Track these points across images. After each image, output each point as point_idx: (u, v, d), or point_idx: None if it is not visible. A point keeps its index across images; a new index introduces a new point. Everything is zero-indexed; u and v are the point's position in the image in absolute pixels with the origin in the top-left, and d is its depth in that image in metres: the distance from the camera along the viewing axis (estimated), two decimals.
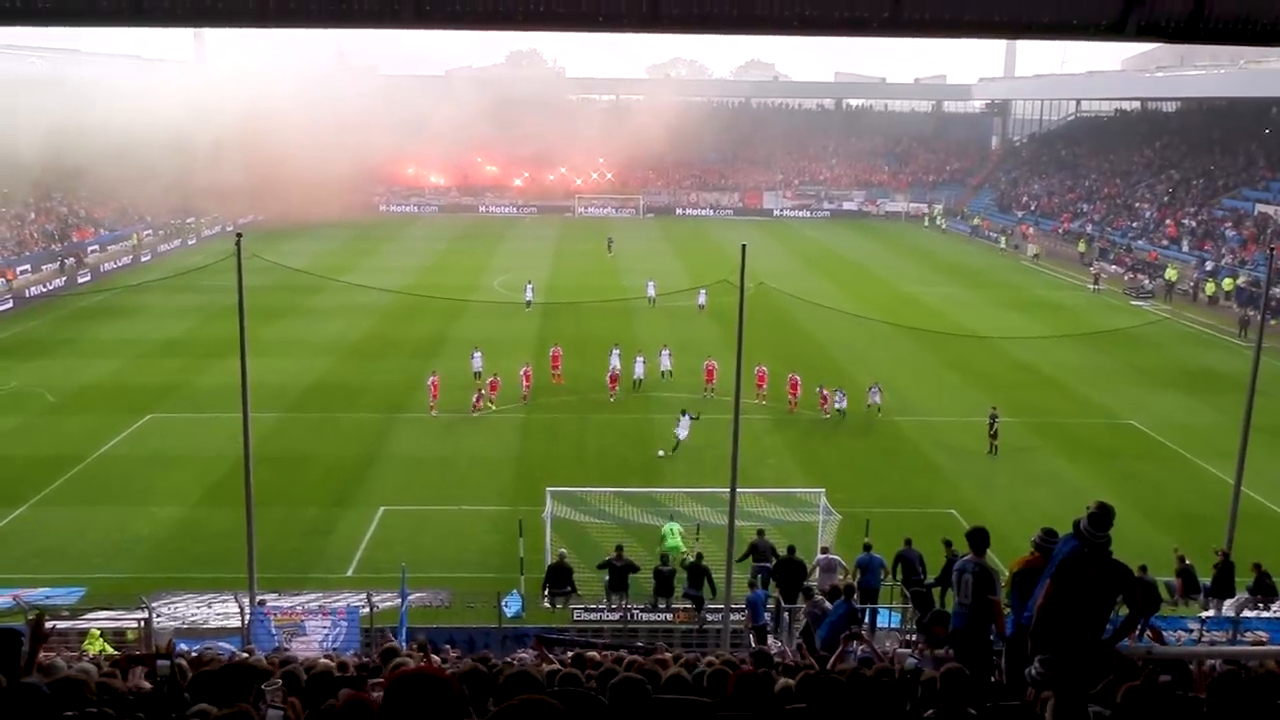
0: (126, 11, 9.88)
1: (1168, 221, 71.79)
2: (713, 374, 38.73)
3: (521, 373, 38.28)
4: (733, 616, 19.81)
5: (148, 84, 72.27)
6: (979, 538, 10.31)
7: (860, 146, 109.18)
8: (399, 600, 19.14)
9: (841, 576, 19.59)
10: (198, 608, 20.64)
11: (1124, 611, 7.59)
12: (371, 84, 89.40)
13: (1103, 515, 6.95)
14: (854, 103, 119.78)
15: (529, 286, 53.71)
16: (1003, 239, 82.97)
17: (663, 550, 22.85)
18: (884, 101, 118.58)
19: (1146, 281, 62.86)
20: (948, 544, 19.33)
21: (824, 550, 21.13)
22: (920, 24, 9.21)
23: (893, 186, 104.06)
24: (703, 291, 51.63)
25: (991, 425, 33.27)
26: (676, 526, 23.97)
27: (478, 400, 35.43)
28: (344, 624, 18.53)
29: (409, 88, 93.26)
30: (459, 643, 18.19)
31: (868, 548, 20.49)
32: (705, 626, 20.85)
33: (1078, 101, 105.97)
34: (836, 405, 35.75)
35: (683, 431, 32.10)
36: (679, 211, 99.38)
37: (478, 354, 39.76)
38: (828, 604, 16.06)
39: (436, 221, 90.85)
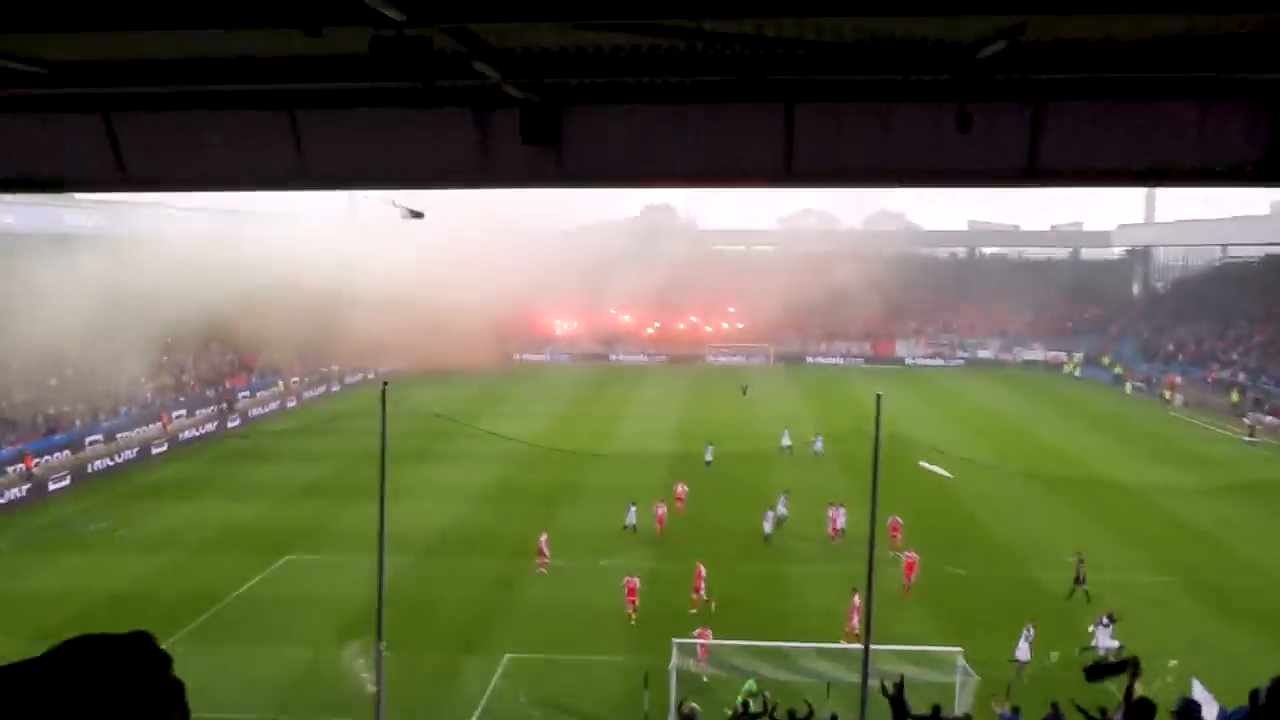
0: (294, 177, 10.59)
1: None
2: (836, 524, 38.00)
3: (656, 515, 38.66)
4: None
5: (301, 240, 76.30)
6: (1189, 713, 9.46)
7: (995, 293, 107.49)
8: None
9: None
10: None
11: None
12: (511, 237, 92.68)
13: None
14: (987, 250, 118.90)
15: (709, 449, 51.89)
16: (1127, 384, 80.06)
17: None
18: (1018, 249, 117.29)
19: None
20: (1103, 711, 18.16)
21: (967, 718, 20.06)
22: (1057, 174, 9.18)
23: (1030, 334, 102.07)
24: (819, 439, 51.66)
25: (1078, 571, 32.17)
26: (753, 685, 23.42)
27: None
28: None
29: (547, 241, 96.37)
30: None
31: (1015, 710, 19.40)
32: None
33: (1223, 246, 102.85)
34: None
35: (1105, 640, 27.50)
36: (809, 359, 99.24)
37: (633, 508, 39.49)
38: None
39: (569, 369, 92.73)
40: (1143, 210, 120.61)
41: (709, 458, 50.43)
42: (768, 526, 38.31)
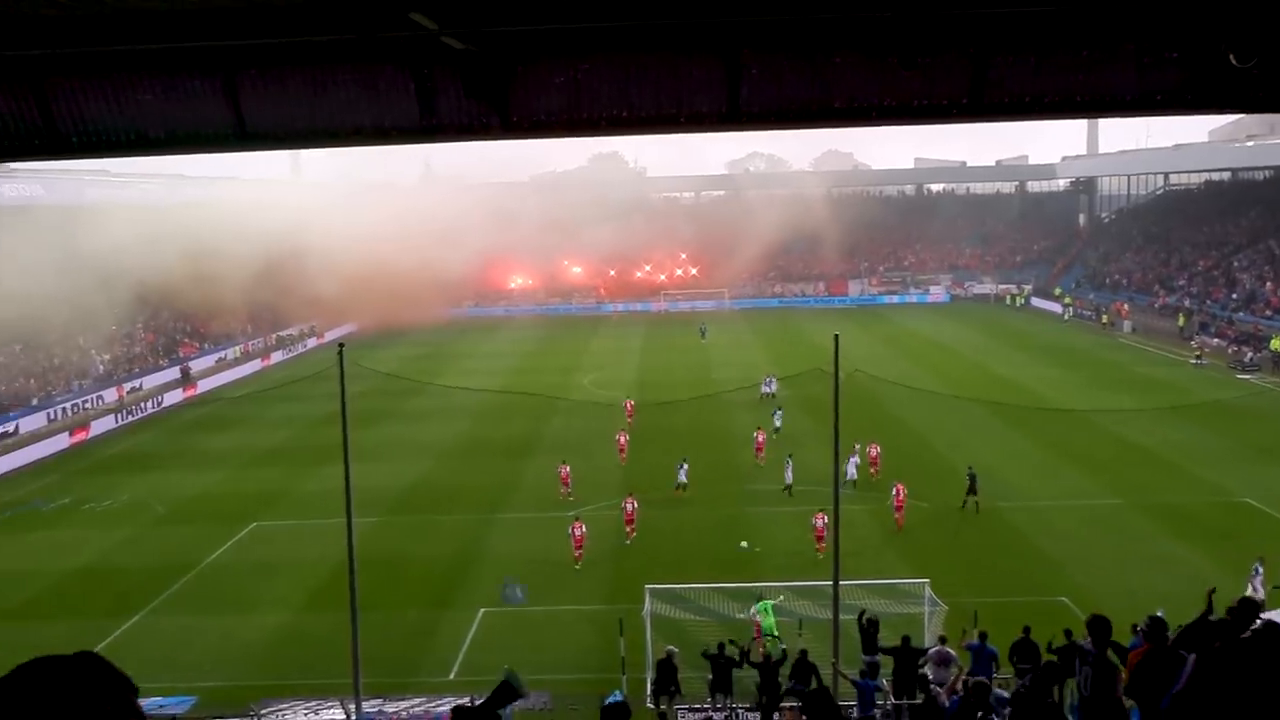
0: (233, 138, 10.46)
1: (1268, 288, 69.76)
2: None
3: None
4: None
5: (247, 203, 75.19)
6: (1100, 628, 9.83)
7: (943, 230, 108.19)
8: None
9: (956, 670, 19.02)
10: (305, 714, 20.78)
11: None
12: (458, 193, 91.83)
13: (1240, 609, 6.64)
14: (935, 187, 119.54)
15: (772, 380, 52.93)
16: (1066, 313, 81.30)
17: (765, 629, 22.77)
18: (965, 185, 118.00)
19: (1251, 353, 60.91)
20: (1068, 634, 18.75)
21: (941, 640, 20.51)
22: (1001, 108, 9.30)
23: (979, 269, 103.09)
24: (772, 380, 52.74)
25: (971, 484, 33.99)
26: (769, 603, 23.84)
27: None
28: None
29: (494, 195, 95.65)
30: None
31: (983, 636, 19.92)
32: None
33: (1165, 175, 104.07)
34: None
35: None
36: (763, 302, 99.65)
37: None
38: (943, 699, 15.59)
39: (526, 322, 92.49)
40: (1085, 142, 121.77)
41: (770, 389, 51.19)
42: (788, 475, 36.64)
